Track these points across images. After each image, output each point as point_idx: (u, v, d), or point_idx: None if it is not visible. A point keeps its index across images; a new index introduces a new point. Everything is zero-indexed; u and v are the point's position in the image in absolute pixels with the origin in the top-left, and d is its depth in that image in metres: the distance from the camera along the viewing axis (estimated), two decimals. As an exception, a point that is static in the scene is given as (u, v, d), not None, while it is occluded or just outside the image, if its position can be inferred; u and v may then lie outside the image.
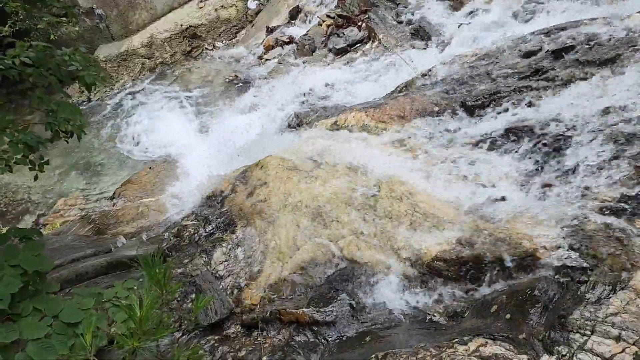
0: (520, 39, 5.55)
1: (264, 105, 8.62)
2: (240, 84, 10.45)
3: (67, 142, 3.34)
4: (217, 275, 4.26)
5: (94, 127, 10.30)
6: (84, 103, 11.05)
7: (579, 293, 2.85)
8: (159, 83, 11.53)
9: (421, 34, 8.28)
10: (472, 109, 4.95)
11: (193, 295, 4.03)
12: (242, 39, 12.34)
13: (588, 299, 2.77)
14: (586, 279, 2.92)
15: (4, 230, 3.15)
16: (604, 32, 4.89)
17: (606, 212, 3.38)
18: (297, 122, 6.70)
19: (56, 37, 8.42)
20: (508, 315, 3.02)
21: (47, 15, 3.82)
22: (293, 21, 11.38)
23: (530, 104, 4.59)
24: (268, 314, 3.68)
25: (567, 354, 2.56)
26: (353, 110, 5.79)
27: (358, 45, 9.00)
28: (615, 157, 3.67)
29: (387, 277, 3.73)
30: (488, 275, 3.41)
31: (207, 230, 4.81)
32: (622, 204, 3.36)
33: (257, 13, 12.81)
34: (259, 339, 3.58)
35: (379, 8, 9.23)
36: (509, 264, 3.35)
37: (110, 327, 3.05)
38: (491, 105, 4.83)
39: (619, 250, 3.03)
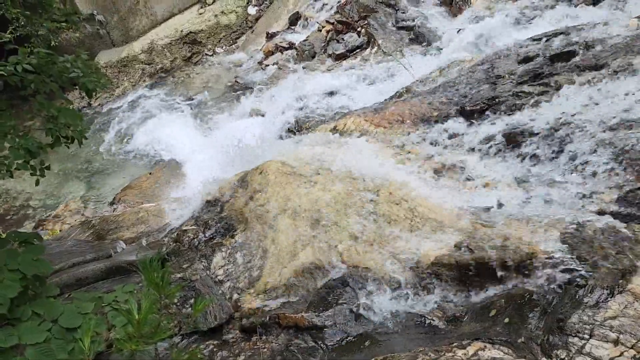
0: (519, 44, 5.57)
1: (264, 111, 8.65)
2: (240, 90, 10.48)
3: (68, 148, 3.36)
4: (217, 279, 4.26)
5: (94, 133, 10.32)
6: (85, 109, 11.09)
7: (577, 297, 2.85)
8: (159, 89, 11.57)
9: (420, 39, 8.32)
10: (471, 114, 4.97)
11: (192, 300, 4.03)
12: (242, 45, 12.40)
13: (586, 303, 2.77)
14: (584, 282, 2.92)
15: (4, 235, 3.16)
16: (602, 37, 4.92)
17: (604, 216, 3.39)
18: (297, 127, 6.73)
19: (57, 43, 8.44)
20: (507, 319, 3.03)
21: (48, 21, 3.84)
22: (293, 27, 11.44)
23: (528, 109, 4.60)
24: (267, 318, 3.68)
25: (566, 358, 2.56)
26: (352, 116, 5.81)
27: (357, 50, 9.04)
28: (614, 162, 3.68)
29: (386, 282, 3.73)
30: (486, 279, 3.42)
31: (207, 235, 4.82)
32: (620, 208, 3.38)
33: (257, 19, 12.87)
34: (258, 343, 3.58)
35: (378, 14, 9.28)
36: (507, 268, 3.36)
37: (109, 331, 3.05)
38: (489, 110, 4.85)
39: (617, 254, 3.04)
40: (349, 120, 5.72)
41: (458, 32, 7.68)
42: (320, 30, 10.06)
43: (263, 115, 8.50)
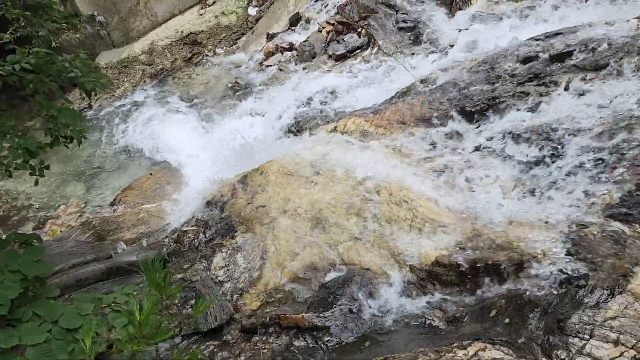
0: (519, 44, 5.57)
1: (264, 111, 8.65)
2: (241, 90, 10.48)
3: (67, 148, 3.36)
4: (217, 280, 4.26)
5: (94, 134, 10.32)
6: (85, 110, 11.09)
7: (577, 297, 2.85)
8: (160, 89, 11.57)
9: (421, 40, 8.32)
10: (471, 114, 4.96)
11: (193, 301, 4.03)
12: (243, 46, 12.39)
13: (586, 303, 2.77)
14: (585, 283, 2.92)
15: (4, 236, 3.16)
16: (602, 37, 4.91)
17: (604, 216, 3.39)
18: (297, 128, 6.72)
19: (57, 44, 8.43)
20: (507, 320, 3.03)
21: (48, 22, 3.85)
22: (293, 28, 11.43)
23: (528, 109, 4.61)
24: (267, 319, 3.68)
25: (566, 358, 2.56)
26: (353, 116, 5.81)
27: (358, 51, 9.04)
28: (613, 162, 3.68)
29: (387, 282, 3.73)
30: (487, 279, 3.42)
31: (207, 235, 4.82)
32: (621, 208, 3.37)
33: (257, 20, 12.86)
34: (258, 344, 3.57)
35: (378, 14, 9.27)
36: (507, 268, 3.36)
37: (109, 332, 3.06)
38: (490, 111, 4.85)
39: (617, 254, 3.04)
40: (349, 120, 5.72)
41: (459, 32, 7.67)
42: (321, 31, 10.06)
43: (263, 116, 8.50)
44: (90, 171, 9.53)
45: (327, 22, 10.07)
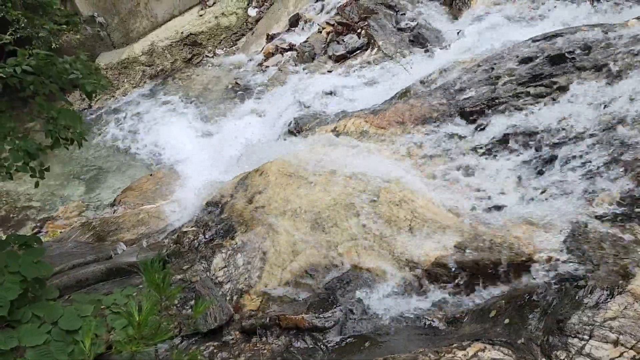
0: (519, 45, 5.57)
1: (264, 112, 8.66)
2: (241, 91, 10.48)
3: (67, 149, 3.36)
4: (217, 281, 4.26)
5: (94, 135, 10.33)
6: (85, 110, 11.09)
7: (577, 298, 2.85)
8: (160, 90, 11.57)
9: (420, 40, 8.32)
10: (471, 115, 4.96)
11: (193, 301, 4.03)
12: (243, 47, 12.40)
13: (586, 304, 2.77)
14: (584, 283, 2.92)
15: (4, 237, 3.16)
16: (601, 38, 4.92)
17: (604, 217, 3.39)
18: (297, 129, 6.72)
19: (57, 45, 8.42)
20: (507, 320, 3.03)
21: (49, 23, 3.85)
22: (293, 28, 11.43)
23: (528, 110, 4.61)
24: (267, 319, 3.68)
25: (566, 359, 2.56)
26: (352, 117, 5.81)
27: (358, 52, 9.04)
28: (613, 162, 3.68)
29: (387, 283, 3.73)
30: (487, 280, 3.42)
31: (207, 236, 4.82)
32: (620, 209, 3.37)
33: (257, 20, 12.86)
34: (258, 344, 3.58)
35: (378, 15, 9.28)
36: (507, 269, 3.36)
37: (109, 333, 3.06)
38: (490, 111, 4.85)
39: (617, 254, 3.04)
40: (348, 121, 5.72)
41: (458, 33, 7.68)
42: (321, 32, 10.06)
43: (263, 117, 8.50)
44: (91, 172, 9.53)
45: (327, 23, 10.07)
